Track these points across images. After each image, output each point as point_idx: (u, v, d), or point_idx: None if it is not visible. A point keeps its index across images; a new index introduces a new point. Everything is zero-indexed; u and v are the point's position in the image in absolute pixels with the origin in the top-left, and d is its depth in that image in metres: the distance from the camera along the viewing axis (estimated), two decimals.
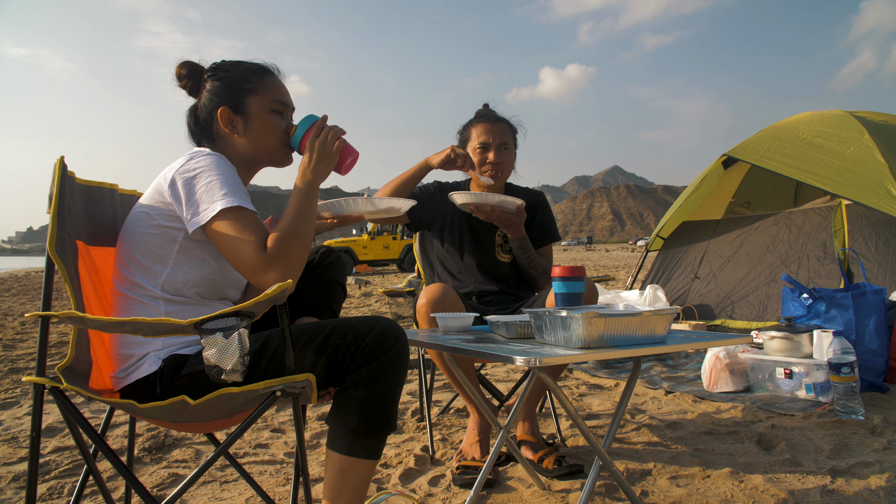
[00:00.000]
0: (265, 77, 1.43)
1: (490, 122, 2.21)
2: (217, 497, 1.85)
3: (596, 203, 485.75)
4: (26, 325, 6.12)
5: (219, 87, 1.40)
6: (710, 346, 2.09)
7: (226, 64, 1.44)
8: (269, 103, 1.42)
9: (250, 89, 1.40)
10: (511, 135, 2.25)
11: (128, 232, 1.32)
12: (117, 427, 2.60)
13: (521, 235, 2.12)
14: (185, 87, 1.44)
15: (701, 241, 5.21)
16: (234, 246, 1.19)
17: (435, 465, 2.08)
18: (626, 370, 3.55)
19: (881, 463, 1.92)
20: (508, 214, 2.04)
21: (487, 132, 2.19)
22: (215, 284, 1.34)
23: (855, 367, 2.43)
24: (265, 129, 1.41)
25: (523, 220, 2.08)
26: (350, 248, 18.67)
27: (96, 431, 1.11)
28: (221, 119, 1.39)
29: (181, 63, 1.43)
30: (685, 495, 1.75)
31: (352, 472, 1.21)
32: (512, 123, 2.28)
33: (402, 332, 1.24)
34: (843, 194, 3.94)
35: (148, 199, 1.31)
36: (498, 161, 2.18)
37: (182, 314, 1.28)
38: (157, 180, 1.30)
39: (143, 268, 1.29)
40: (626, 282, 9.38)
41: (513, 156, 2.25)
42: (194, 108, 1.45)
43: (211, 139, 1.42)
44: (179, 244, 1.28)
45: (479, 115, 2.27)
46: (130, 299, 1.28)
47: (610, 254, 35.86)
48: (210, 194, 1.22)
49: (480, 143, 2.19)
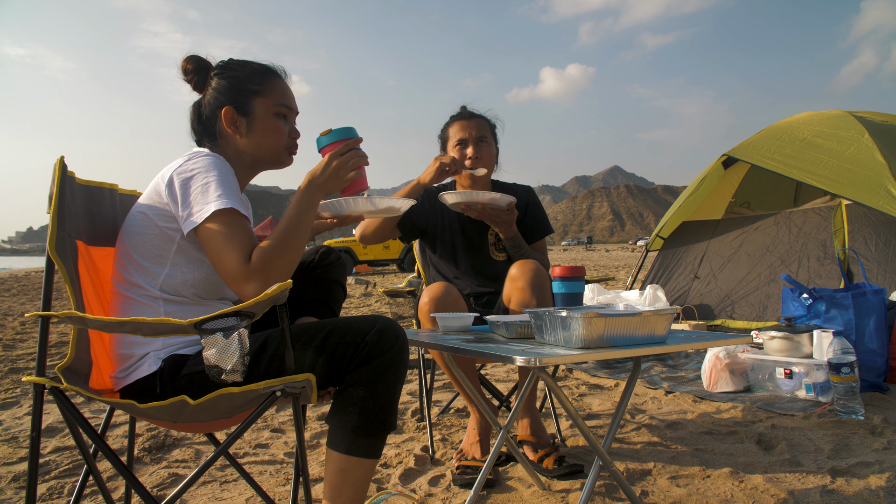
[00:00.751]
0: (272, 79, 1.43)
1: (465, 118, 2.23)
2: (217, 497, 1.85)
3: (596, 203, 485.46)
4: (26, 325, 6.12)
5: (225, 86, 1.40)
6: (710, 346, 2.10)
7: (233, 63, 1.44)
8: (273, 106, 1.41)
9: (256, 91, 1.40)
10: (489, 129, 2.26)
11: (127, 232, 1.32)
12: (117, 427, 2.60)
13: (513, 233, 2.13)
14: (191, 82, 1.44)
15: (701, 241, 5.21)
16: (220, 251, 1.18)
17: (435, 465, 2.08)
18: (626, 370, 3.55)
19: (881, 463, 1.92)
20: (500, 212, 2.04)
21: (464, 128, 2.21)
22: (213, 285, 1.34)
23: (855, 367, 2.43)
24: (268, 131, 1.41)
25: (514, 217, 2.09)
26: (350, 248, 18.67)
27: (96, 431, 1.11)
28: (225, 118, 1.39)
29: (188, 57, 1.42)
30: (685, 495, 1.75)
31: (352, 471, 1.21)
32: (489, 118, 2.29)
33: (402, 331, 1.23)
34: (843, 194, 3.94)
35: (146, 199, 1.31)
36: (477, 155, 2.18)
37: (181, 314, 1.28)
38: (156, 180, 1.30)
39: (142, 268, 1.29)
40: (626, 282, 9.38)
41: (493, 149, 2.26)
42: (198, 104, 1.45)
43: (212, 138, 1.42)
44: (177, 244, 1.28)
45: (453, 116, 2.29)
46: (129, 299, 1.28)
47: (610, 254, 35.87)
48: (205, 195, 1.21)
49: (458, 140, 2.21)
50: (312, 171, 1.34)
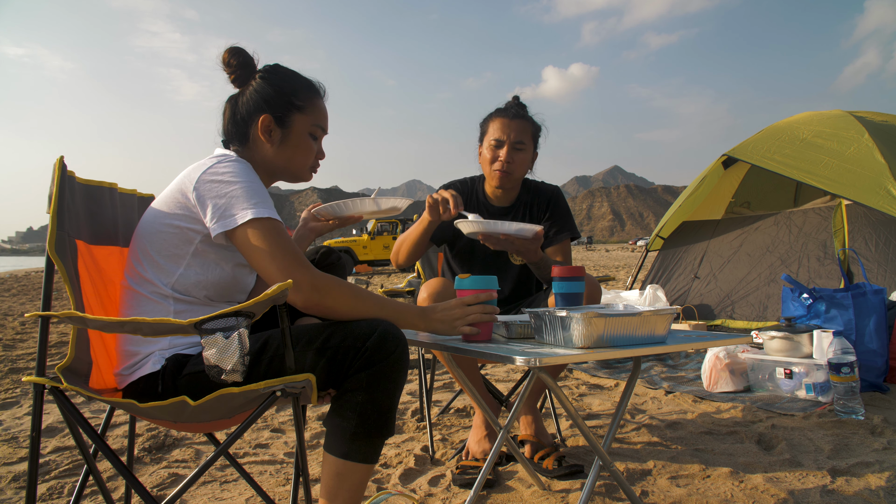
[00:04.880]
0: (315, 98, 1.44)
1: (508, 117, 2.08)
2: (217, 497, 1.85)
3: (596, 203, 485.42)
4: (26, 325, 6.12)
5: (270, 93, 1.39)
6: (710, 346, 2.09)
7: (282, 71, 1.43)
8: (311, 126, 1.42)
9: (299, 106, 1.40)
10: (530, 133, 2.10)
11: (145, 228, 1.32)
12: (117, 427, 2.60)
13: (538, 258, 1.90)
14: (231, 75, 1.41)
15: (701, 241, 5.21)
16: (267, 258, 1.20)
17: (435, 465, 2.08)
18: (626, 370, 3.55)
19: (881, 463, 1.92)
20: (524, 241, 1.78)
21: (504, 128, 2.07)
22: (225, 288, 1.35)
23: (855, 367, 2.43)
24: (300, 149, 1.42)
25: (540, 244, 1.85)
26: (350, 248, 18.67)
27: (96, 431, 1.11)
28: (261, 125, 1.38)
29: (232, 49, 1.40)
30: (685, 495, 1.75)
31: (348, 475, 1.21)
32: (535, 121, 2.14)
33: (403, 336, 1.23)
34: (843, 194, 3.94)
35: (168, 198, 1.30)
36: (510, 160, 2.06)
37: (190, 314, 1.28)
38: (180, 180, 1.30)
39: (157, 265, 1.29)
40: (626, 282, 9.38)
41: (529, 156, 2.12)
42: (235, 100, 1.43)
43: (243, 140, 1.41)
44: (195, 246, 1.29)
45: (499, 109, 2.13)
46: (140, 295, 1.29)
47: (610, 254, 35.86)
48: (239, 201, 1.22)
49: (495, 140, 2.08)
50: (437, 305, 1.35)
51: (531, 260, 1.92)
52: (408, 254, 2.04)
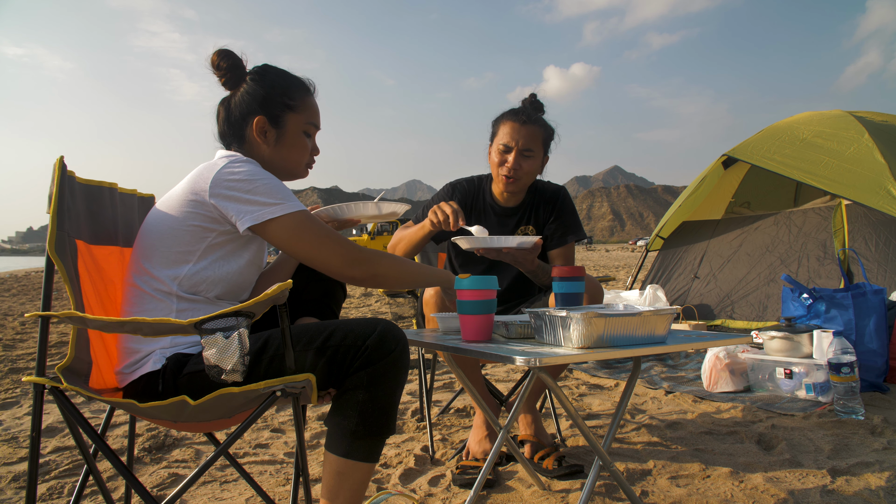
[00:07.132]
0: (305, 96, 1.45)
1: (520, 122, 2.02)
2: (217, 497, 1.85)
3: (596, 203, 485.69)
4: (26, 325, 6.12)
5: (261, 94, 1.40)
6: (710, 346, 2.10)
7: (272, 71, 1.44)
8: (304, 124, 1.44)
9: (291, 106, 1.42)
10: (540, 140, 2.04)
11: (153, 227, 1.32)
12: (117, 427, 2.60)
13: (535, 266, 1.92)
14: (222, 78, 1.42)
15: (701, 241, 5.21)
16: (320, 245, 1.27)
17: (435, 465, 2.08)
18: (626, 370, 3.55)
19: (881, 463, 1.92)
20: (523, 251, 1.80)
21: (513, 133, 2.01)
22: (232, 286, 1.36)
23: (855, 367, 2.43)
24: (295, 147, 1.44)
25: (538, 253, 1.86)
26: None
27: (96, 431, 1.12)
28: (256, 126, 1.39)
29: (221, 52, 1.40)
30: (685, 495, 1.75)
31: (349, 474, 1.21)
32: (548, 125, 2.09)
33: (403, 335, 1.23)
34: (843, 194, 3.94)
35: (179, 198, 1.30)
36: (517, 167, 2.01)
37: (192, 313, 1.28)
38: (191, 180, 1.30)
39: (164, 263, 1.29)
40: (626, 282, 9.37)
41: (538, 162, 2.06)
42: (227, 103, 1.43)
43: (241, 141, 1.43)
44: (207, 244, 1.30)
45: (511, 112, 2.08)
46: (144, 293, 1.29)
47: (610, 254, 35.86)
48: (269, 195, 1.25)
49: (503, 144, 2.03)
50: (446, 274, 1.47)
51: (528, 269, 1.94)
52: (404, 254, 2.03)
